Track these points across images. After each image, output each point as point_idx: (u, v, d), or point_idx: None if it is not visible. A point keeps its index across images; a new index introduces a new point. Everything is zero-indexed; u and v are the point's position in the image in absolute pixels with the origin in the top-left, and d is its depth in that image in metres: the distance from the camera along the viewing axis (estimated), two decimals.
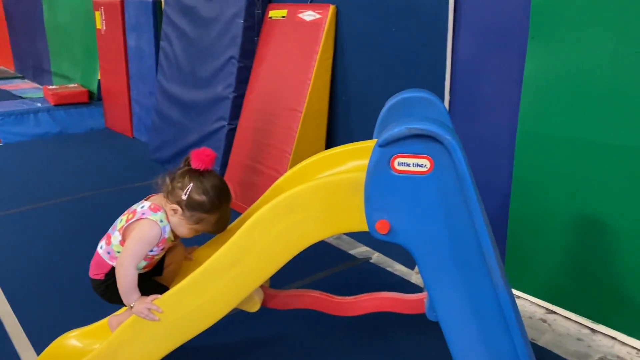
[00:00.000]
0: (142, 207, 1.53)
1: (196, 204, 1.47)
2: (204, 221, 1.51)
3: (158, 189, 1.58)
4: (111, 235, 1.56)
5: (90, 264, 1.64)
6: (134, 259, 1.49)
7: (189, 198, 1.46)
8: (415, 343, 2.01)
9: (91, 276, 1.61)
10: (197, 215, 1.49)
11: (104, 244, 1.57)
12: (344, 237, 2.95)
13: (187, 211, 1.48)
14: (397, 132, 1.24)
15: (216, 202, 1.49)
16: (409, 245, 1.35)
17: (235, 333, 2.08)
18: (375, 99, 2.75)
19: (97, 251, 1.60)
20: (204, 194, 1.46)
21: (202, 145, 3.63)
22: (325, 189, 1.38)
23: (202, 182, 1.47)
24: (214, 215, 1.49)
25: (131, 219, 1.52)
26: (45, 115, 5.15)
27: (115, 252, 1.55)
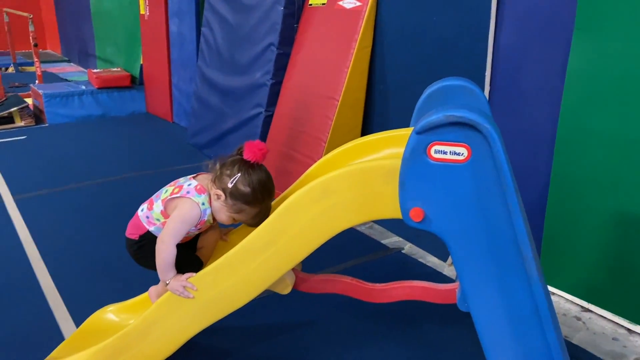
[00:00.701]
0: (189, 185, 1.56)
1: (239, 195, 1.50)
2: (244, 212, 1.53)
3: (207, 170, 1.61)
4: (154, 202, 1.61)
5: (128, 224, 1.69)
6: (174, 238, 1.53)
7: (234, 187, 1.49)
8: (446, 333, 2.00)
9: (126, 235, 1.66)
10: (238, 205, 1.52)
11: (146, 208, 1.62)
12: (376, 227, 2.94)
13: (229, 199, 1.51)
14: (435, 119, 1.23)
15: (259, 197, 1.51)
16: (443, 234, 1.34)
17: (267, 315, 2.11)
18: (413, 89, 2.72)
19: (137, 213, 1.65)
20: (249, 186, 1.49)
21: (239, 131, 3.69)
22: (359, 175, 1.38)
23: (250, 175, 1.49)
24: (255, 208, 1.51)
25: (176, 193, 1.56)
26: (89, 97, 5.29)
27: (155, 219, 1.60)
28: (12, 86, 6.70)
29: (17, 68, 8.36)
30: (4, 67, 8.14)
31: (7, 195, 3.32)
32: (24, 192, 3.37)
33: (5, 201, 3.23)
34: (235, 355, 1.89)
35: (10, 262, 2.50)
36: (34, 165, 3.90)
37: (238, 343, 1.96)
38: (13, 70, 8.32)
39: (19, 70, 8.34)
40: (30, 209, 3.10)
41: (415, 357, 1.89)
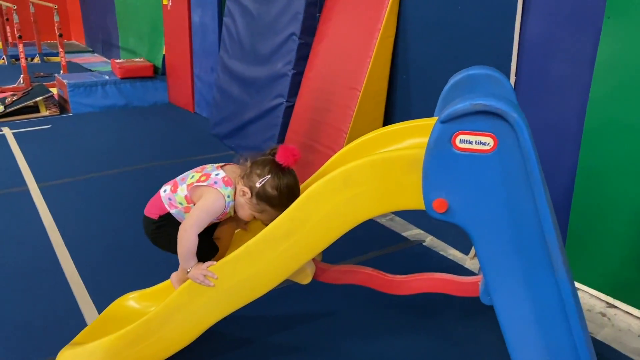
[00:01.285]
0: (217, 175, 1.56)
1: (266, 196, 1.51)
2: (266, 213, 1.54)
3: (237, 162, 1.62)
4: (178, 185, 1.61)
5: (148, 202, 1.68)
6: (197, 227, 1.54)
7: (261, 188, 1.50)
8: (467, 327, 1.97)
9: (145, 213, 1.66)
10: (262, 205, 1.53)
11: (169, 190, 1.62)
12: (397, 219, 2.92)
13: (255, 198, 1.52)
14: (461, 107, 1.20)
15: (284, 201, 1.51)
16: (467, 226, 1.32)
17: (286, 305, 2.11)
18: (436, 79, 2.68)
19: (159, 192, 1.64)
20: (277, 190, 1.50)
21: (260, 121, 3.69)
22: (381, 164, 1.36)
23: (280, 178, 1.50)
24: (277, 211, 1.51)
25: (203, 181, 1.56)
26: (112, 87, 5.34)
27: (177, 202, 1.60)
28: (37, 76, 6.80)
29: (43, 58, 8.48)
30: (30, 57, 8.26)
31: (32, 183, 3.37)
32: (49, 180, 3.42)
33: (31, 189, 3.28)
34: (255, 344, 1.90)
35: (35, 249, 2.54)
36: (58, 154, 3.96)
37: (258, 332, 1.96)
38: (39, 60, 8.45)
39: (44, 60, 8.47)
40: (55, 197, 3.15)
41: (436, 349, 1.87)
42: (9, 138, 4.33)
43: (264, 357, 1.83)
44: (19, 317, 2.02)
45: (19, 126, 4.67)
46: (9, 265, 2.39)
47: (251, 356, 1.84)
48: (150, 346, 1.58)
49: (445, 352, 1.85)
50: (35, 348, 1.85)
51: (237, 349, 1.87)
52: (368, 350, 1.86)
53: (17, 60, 7.61)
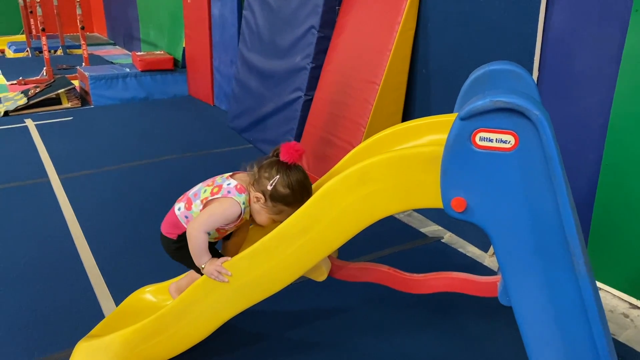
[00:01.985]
0: (229, 185, 1.57)
1: (280, 197, 1.51)
2: (284, 213, 1.54)
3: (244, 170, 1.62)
4: (192, 202, 1.61)
5: (163, 220, 1.70)
6: (206, 226, 1.54)
7: (273, 189, 1.50)
8: (484, 326, 1.95)
9: (163, 232, 1.67)
10: (279, 206, 1.53)
11: (183, 207, 1.62)
12: (415, 215, 2.89)
13: (269, 201, 1.53)
14: (481, 104, 1.17)
15: (298, 197, 1.51)
16: (486, 225, 1.29)
17: (302, 301, 2.10)
18: (457, 74, 2.64)
19: (173, 211, 1.65)
20: (289, 188, 1.50)
21: (279, 115, 3.68)
22: (399, 162, 1.34)
23: (289, 176, 1.50)
24: (294, 208, 1.51)
25: (216, 193, 1.56)
26: (133, 80, 5.38)
27: (194, 218, 1.59)
28: (60, 68, 6.88)
29: (65, 50, 8.58)
30: (53, 50, 8.36)
31: (53, 174, 3.42)
32: (70, 171, 3.46)
33: (52, 180, 3.32)
34: (270, 340, 1.89)
35: (54, 240, 2.57)
36: (79, 146, 4.00)
37: (273, 328, 1.96)
38: (61, 52, 8.55)
39: (66, 52, 8.57)
40: (75, 188, 3.18)
41: (452, 348, 1.84)
42: (32, 129, 4.39)
43: (279, 352, 1.83)
44: (38, 308, 2.04)
45: (41, 118, 4.74)
46: (29, 256, 2.43)
47: (266, 351, 1.84)
48: (166, 340, 1.59)
49: (462, 351, 1.83)
50: (53, 339, 1.87)
51: (253, 344, 1.87)
52: (383, 348, 1.84)
53: (41, 52, 7.72)
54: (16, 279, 2.24)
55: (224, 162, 3.61)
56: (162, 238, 1.70)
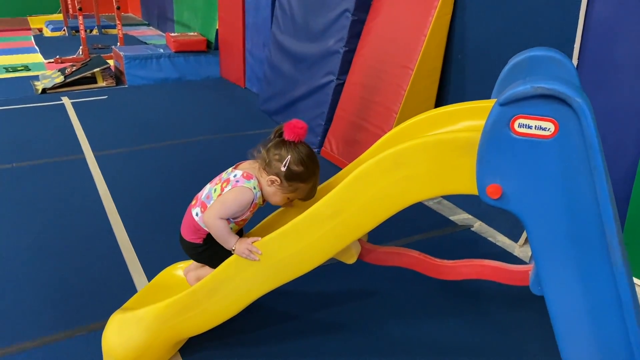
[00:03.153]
0: (235, 176, 1.59)
1: (295, 175, 1.53)
2: (299, 190, 1.57)
3: (248, 158, 1.65)
4: (207, 205, 1.63)
5: (182, 226, 1.72)
6: (220, 214, 1.56)
7: (287, 170, 1.52)
8: (513, 316, 1.93)
9: (187, 239, 1.69)
10: (295, 184, 1.56)
11: (200, 212, 1.65)
12: (445, 202, 2.87)
13: (285, 182, 1.55)
14: (522, 90, 1.15)
15: (312, 171, 1.55)
16: (521, 213, 1.27)
17: (330, 283, 2.12)
18: (494, 60, 2.59)
19: (191, 216, 1.67)
20: (302, 164, 1.52)
21: (310, 99, 3.68)
22: (435, 147, 1.33)
23: (299, 153, 1.52)
24: (309, 183, 1.56)
25: (225, 187, 1.59)
26: (166, 61, 5.43)
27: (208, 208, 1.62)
28: (95, 47, 6.99)
29: (101, 30, 8.70)
30: (88, 29, 8.48)
31: (88, 151, 3.49)
32: (104, 149, 3.53)
33: (87, 157, 3.39)
34: (298, 320, 1.92)
35: (90, 216, 2.64)
36: (113, 124, 4.07)
37: (301, 308, 1.98)
38: (97, 32, 8.67)
39: (102, 32, 8.68)
40: (109, 166, 3.25)
41: (480, 337, 1.84)
42: (68, 107, 4.48)
43: (305, 333, 1.85)
44: (73, 281, 2.11)
45: (77, 96, 4.83)
46: (64, 230, 2.50)
47: (293, 331, 1.86)
48: (197, 316, 1.62)
49: (490, 340, 1.82)
50: (87, 311, 1.93)
51: (280, 324, 1.90)
52: (409, 334, 1.85)
53: (77, 32, 7.84)
54: (52, 252, 2.31)
55: (254, 144, 3.57)
56: (183, 243, 1.71)
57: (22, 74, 5.83)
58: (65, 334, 1.82)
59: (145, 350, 1.64)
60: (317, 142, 3.55)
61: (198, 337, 1.75)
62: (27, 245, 2.36)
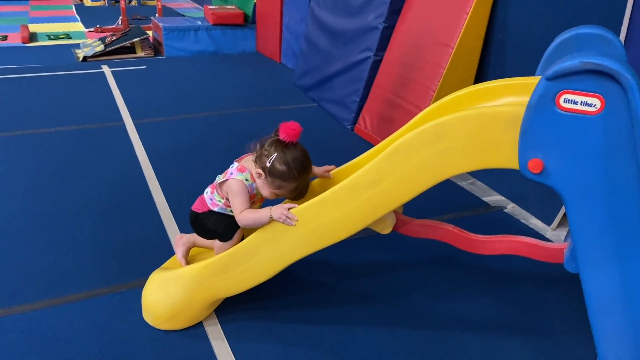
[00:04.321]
0: (232, 167, 1.70)
1: (277, 173, 1.59)
2: (283, 188, 1.63)
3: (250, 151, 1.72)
4: (216, 186, 1.75)
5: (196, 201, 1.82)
6: (240, 207, 1.64)
7: (271, 166, 1.59)
8: (544, 297, 1.94)
9: (193, 208, 1.81)
10: (277, 182, 1.61)
11: (209, 191, 1.78)
12: (478, 183, 2.86)
13: (268, 177, 1.61)
14: (569, 65, 1.15)
15: (295, 174, 1.59)
16: (561, 189, 1.28)
17: (363, 253, 2.16)
18: (536, 41, 2.55)
19: (204, 194, 1.79)
20: (285, 165, 1.58)
21: (345, 75, 3.68)
22: (477, 120, 1.34)
23: (285, 154, 1.58)
24: (292, 184, 1.61)
25: (223, 177, 1.70)
26: (204, 33, 5.48)
27: (217, 200, 1.73)
28: (134, 18, 7.09)
29: (140, 1, 8.80)
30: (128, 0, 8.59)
31: (127, 119, 3.58)
32: (143, 117, 3.61)
33: (126, 124, 3.48)
34: (328, 288, 1.96)
35: (129, 181, 2.72)
36: (152, 94, 4.15)
37: (332, 277, 2.02)
38: (136, 3, 8.78)
39: (141, 3, 8.78)
40: (148, 134, 3.33)
41: (509, 316, 1.85)
42: (108, 75, 4.58)
43: (334, 301, 1.90)
44: (115, 242, 2.19)
45: (116, 65, 4.93)
46: (106, 194, 2.58)
47: (323, 299, 1.91)
48: (233, 277, 1.67)
49: (519, 319, 1.83)
50: (128, 270, 2.01)
51: (311, 291, 1.94)
52: (437, 308, 1.87)
53: (117, 2, 7.95)
54: (94, 214, 2.40)
55: (288, 119, 3.59)
56: (190, 214, 1.82)
57: (63, 41, 5.97)
58: (107, 289, 1.90)
59: (182, 307, 1.71)
60: (350, 119, 3.56)
61: (232, 299, 1.81)
62: (70, 205, 2.46)
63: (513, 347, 1.70)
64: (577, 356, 1.67)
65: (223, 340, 1.70)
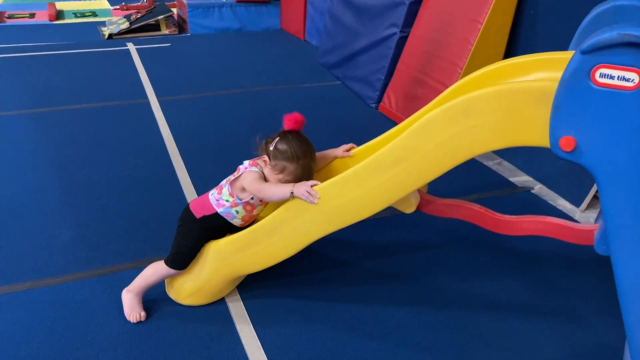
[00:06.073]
0: (243, 164, 1.70)
1: (280, 153, 1.61)
2: (287, 170, 1.61)
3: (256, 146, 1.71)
4: (222, 187, 1.71)
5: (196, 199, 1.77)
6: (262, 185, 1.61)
7: (274, 148, 1.62)
8: (571, 280, 1.90)
9: (190, 207, 1.74)
10: (280, 163, 1.61)
11: (215, 192, 1.72)
12: (505, 163, 2.80)
13: (272, 160, 1.62)
14: (606, 37, 1.09)
15: (297, 152, 1.60)
16: (594, 167, 1.23)
17: (386, 232, 2.14)
18: (570, 16, 2.45)
19: (207, 195, 1.73)
20: (286, 144, 1.61)
21: (370, 52, 3.62)
22: (507, 96, 1.29)
23: (287, 137, 1.63)
24: (294, 165, 1.60)
25: (236, 174, 1.68)
26: (228, 11, 5.44)
27: (224, 200, 1.68)
28: None
29: None
30: None
31: (152, 96, 3.59)
32: (167, 94, 3.62)
33: (151, 101, 3.49)
34: (351, 267, 1.95)
35: (154, 157, 2.73)
36: (176, 71, 4.15)
37: (355, 256, 2.01)
38: None
39: None
40: (172, 111, 3.33)
41: (535, 298, 1.82)
42: (133, 53, 4.59)
43: (357, 279, 1.89)
44: (139, 219, 2.21)
45: (141, 42, 4.93)
46: (130, 169, 2.60)
47: (346, 277, 1.90)
48: (256, 254, 1.67)
49: (546, 302, 1.80)
50: (151, 245, 2.03)
51: (333, 269, 1.94)
52: (460, 288, 1.85)
53: None
54: (119, 190, 2.42)
55: (311, 97, 3.63)
56: (184, 211, 1.76)
57: (89, 19, 6.00)
58: (132, 264, 1.92)
59: (205, 283, 1.71)
60: (375, 97, 3.51)
61: (254, 276, 1.81)
62: (96, 181, 2.48)
63: (538, 329, 1.68)
64: (605, 340, 1.64)
65: (245, 317, 1.71)
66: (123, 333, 1.63)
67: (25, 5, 6.50)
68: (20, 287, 1.81)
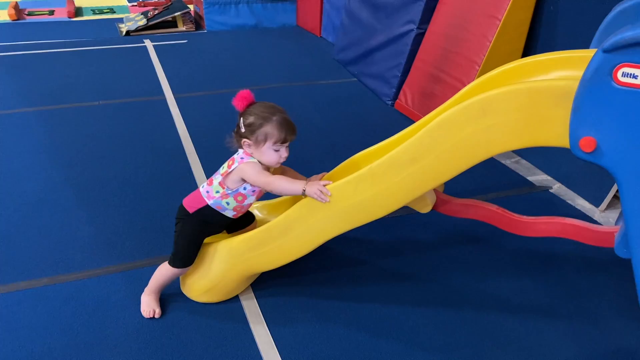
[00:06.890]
0: (238, 154, 1.66)
1: (251, 123, 1.59)
2: (269, 134, 1.57)
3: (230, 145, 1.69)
4: (213, 179, 1.69)
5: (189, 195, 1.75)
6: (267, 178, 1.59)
7: (245, 126, 1.59)
8: (588, 281, 1.86)
9: (183, 203, 1.73)
10: (259, 133, 1.57)
11: (206, 185, 1.71)
12: (523, 162, 2.76)
13: (251, 136, 1.59)
14: (630, 35, 1.07)
15: (265, 112, 1.59)
16: (615, 168, 1.20)
17: (401, 231, 2.12)
18: (591, 13, 2.41)
19: (198, 189, 1.72)
20: (251, 114, 1.60)
21: (387, 48, 3.59)
22: (526, 95, 1.27)
23: (247, 110, 1.62)
24: (271, 123, 1.57)
25: (232, 164, 1.64)
26: (244, 7, 5.44)
27: (214, 192, 1.66)
28: None
29: None
30: None
31: (168, 93, 3.60)
32: (184, 91, 3.63)
33: (167, 98, 3.51)
34: (366, 266, 1.94)
35: (170, 154, 2.75)
36: (192, 68, 4.16)
37: (370, 255, 2.00)
38: None
39: None
40: (189, 108, 3.35)
41: (551, 298, 1.79)
42: (150, 50, 4.62)
43: (372, 278, 1.88)
44: (155, 216, 2.22)
45: (158, 39, 4.96)
46: (147, 166, 2.62)
47: (361, 276, 1.89)
48: (270, 252, 1.67)
49: (563, 303, 1.77)
50: (167, 242, 2.03)
51: (347, 267, 1.93)
52: (476, 289, 1.83)
53: None
54: (137, 186, 2.44)
55: (327, 94, 3.62)
56: (179, 208, 1.74)
57: (107, 16, 6.05)
58: (146, 262, 1.94)
59: (219, 281, 1.72)
60: (391, 94, 3.48)
61: (268, 274, 1.81)
62: (113, 177, 2.50)
63: (555, 331, 1.65)
64: (625, 343, 1.61)
65: (259, 315, 1.71)
66: (138, 329, 1.64)
67: (45, 3, 6.58)
68: (38, 282, 1.83)
